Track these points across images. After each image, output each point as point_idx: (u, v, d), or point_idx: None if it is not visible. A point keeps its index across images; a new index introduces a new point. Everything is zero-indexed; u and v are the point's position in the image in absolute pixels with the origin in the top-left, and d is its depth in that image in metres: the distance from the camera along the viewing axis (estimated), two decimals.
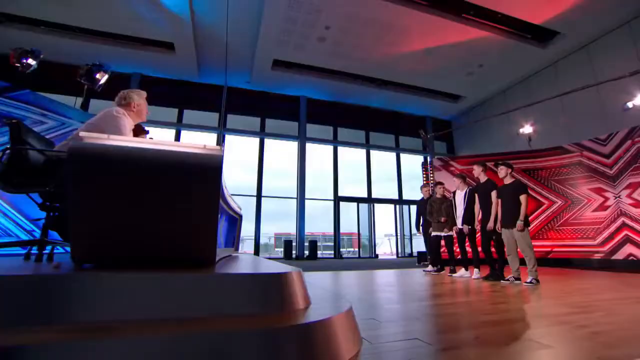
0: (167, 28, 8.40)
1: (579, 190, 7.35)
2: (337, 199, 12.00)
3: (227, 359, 1.19)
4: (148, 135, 5.40)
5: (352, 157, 12.73)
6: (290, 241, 11.04)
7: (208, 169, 1.73)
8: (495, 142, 11.40)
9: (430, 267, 5.67)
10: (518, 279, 4.25)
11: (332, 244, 11.98)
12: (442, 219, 5.25)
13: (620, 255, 6.54)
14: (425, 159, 12.44)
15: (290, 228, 12.22)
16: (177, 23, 8.22)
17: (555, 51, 9.44)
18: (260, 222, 11.11)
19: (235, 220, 4.83)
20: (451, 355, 1.47)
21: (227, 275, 1.54)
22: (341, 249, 13.41)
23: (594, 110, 8.54)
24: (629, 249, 6.44)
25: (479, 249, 4.87)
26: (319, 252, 13.11)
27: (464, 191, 5.01)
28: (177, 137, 10.41)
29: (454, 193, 5.19)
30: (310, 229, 13.15)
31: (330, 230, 12.26)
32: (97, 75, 5.50)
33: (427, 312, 2.46)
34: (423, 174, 8.63)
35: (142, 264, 1.65)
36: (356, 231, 12.43)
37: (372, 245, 12.33)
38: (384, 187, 12.85)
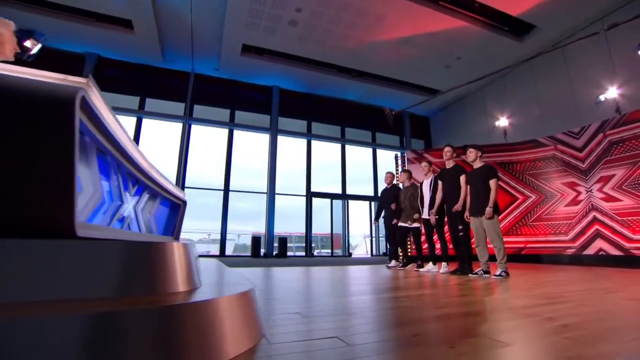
0: (124, 3, 7.76)
1: (553, 185, 7.23)
2: (310, 195, 11.58)
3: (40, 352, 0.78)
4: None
5: (326, 158, 12.39)
6: (259, 238, 10.53)
7: (58, 103, 1.27)
8: (472, 136, 11.26)
9: (393, 262, 5.32)
10: (487, 272, 3.95)
11: (304, 243, 11.56)
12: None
13: (591, 250, 6.44)
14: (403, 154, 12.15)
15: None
16: None
17: (532, 46, 9.34)
18: (227, 218, 10.54)
19: (177, 207, 4.33)
20: (370, 359, 1.06)
21: (59, 244, 1.09)
22: (316, 249, 13.05)
23: (568, 103, 8.48)
24: (599, 243, 6.35)
25: (449, 245, 4.55)
26: (290, 252, 12.69)
27: (430, 179, 4.69)
28: (138, 126, 9.70)
29: (422, 183, 4.88)
30: (284, 228, 12.69)
31: (304, 230, 11.91)
32: (27, 43, 4.84)
33: (370, 305, 2.07)
34: (396, 168, 8.34)
35: None
36: (335, 231, 12.06)
37: (346, 243, 11.97)
38: (360, 189, 12.50)
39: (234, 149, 11.02)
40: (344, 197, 12.04)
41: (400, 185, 5.35)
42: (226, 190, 10.73)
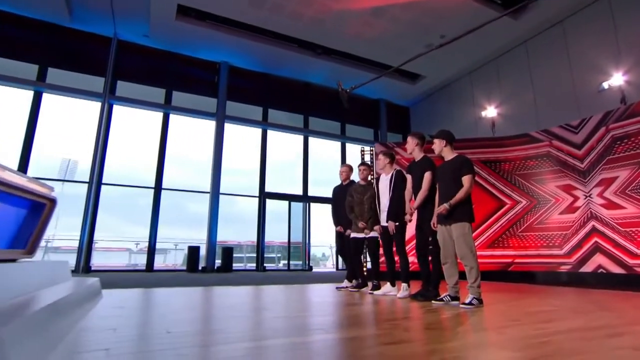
0: None
1: (546, 188, 6.95)
2: (263, 196, 10.91)
3: None
4: None
5: (285, 152, 11.87)
6: (197, 249, 9.76)
7: None
8: (458, 129, 10.76)
9: (345, 282, 4.76)
10: (455, 298, 3.43)
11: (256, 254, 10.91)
12: (360, 225, 4.37)
13: (589, 267, 6.16)
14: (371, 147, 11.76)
15: (226, 235, 11.12)
16: None
17: (529, 24, 9.08)
18: (158, 223, 9.70)
19: (37, 208, 3.55)
20: None
21: None
22: (282, 260, 12.46)
23: (567, 91, 8.32)
24: (598, 259, 6.09)
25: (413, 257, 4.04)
26: (240, 264, 12.09)
27: (390, 175, 4.14)
28: (37, 102, 8.61)
29: (377, 179, 4.35)
30: (234, 236, 12.01)
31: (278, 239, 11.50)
32: None
33: None
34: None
35: None
36: (300, 240, 11.49)
37: (306, 254, 11.39)
38: (326, 190, 11.99)
39: (170, 137, 10.22)
40: (306, 199, 11.49)
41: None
42: (157, 188, 9.89)
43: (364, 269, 5.81)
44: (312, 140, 12.00)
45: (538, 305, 3.36)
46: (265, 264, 10.77)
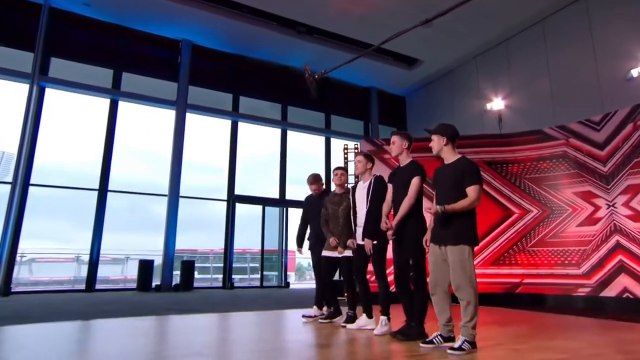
0: None
1: (561, 195, 6.79)
2: (233, 199, 10.60)
3: None
4: None
5: (259, 148, 11.73)
6: (150, 263, 9.34)
7: None
8: (460, 124, 10.62)
9: (313, 310, 4.44)
10: (449, 338, 3.06)
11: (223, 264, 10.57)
12: (332, 242, 4.05)
13: (612, 291, 5.96)
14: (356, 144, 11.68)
15: (193, 241, 10.94)
16: None
17: (547, 1, 8.92)
18: (102, 231, 9.25)
19: None
20: None
21: None
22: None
23: (588, 80, 8.28)
24: (623, 281, 5.88)
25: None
26: (206, 276, 11.88)
27: (368, 183, 3.80)
28: None
29: (354, 188, 4.01)
30: (203, 243, 11.70)
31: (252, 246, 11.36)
32: None
33: None
34: (345, 162, 7.66)
35: None
36: (276, 246, 11.26)
37: (283, 267, 11.13)
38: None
39: (119, 129, 9.84)
40: (283, 203, 11.35)
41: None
42: (103, 190, 9.45)
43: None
44: (291, 134, 11.88)
45: (546, 350, 3.00)
46: (235, 276, 10.66)
